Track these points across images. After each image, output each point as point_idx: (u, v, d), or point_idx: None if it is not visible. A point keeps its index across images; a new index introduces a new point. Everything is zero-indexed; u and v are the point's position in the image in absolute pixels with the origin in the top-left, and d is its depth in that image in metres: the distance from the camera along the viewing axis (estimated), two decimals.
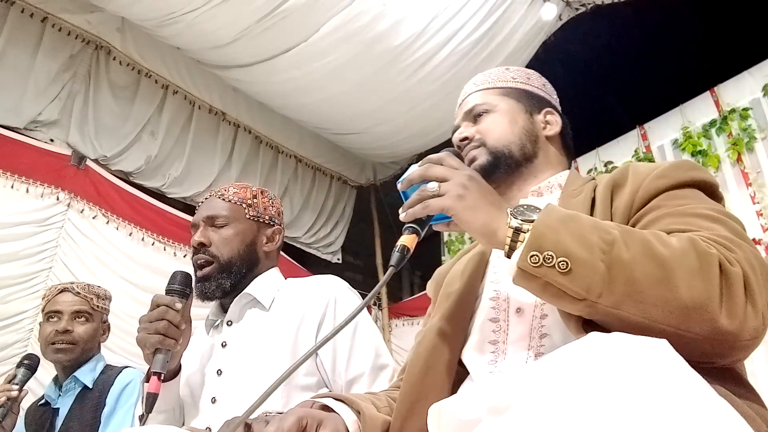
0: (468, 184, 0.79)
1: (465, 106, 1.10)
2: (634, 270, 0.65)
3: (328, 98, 4.26)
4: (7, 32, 3.52)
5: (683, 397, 0.44)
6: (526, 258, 0.68)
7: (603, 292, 0.65)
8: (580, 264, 0.66)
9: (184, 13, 3.52)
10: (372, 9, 3.59)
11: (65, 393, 1.93)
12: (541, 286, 0.69)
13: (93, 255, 3.55)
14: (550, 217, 0.71)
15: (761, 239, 3.20)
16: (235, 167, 4.54)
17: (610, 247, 0.66)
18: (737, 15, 4.11)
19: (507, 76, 1.11)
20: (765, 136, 3.43)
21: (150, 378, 1.11)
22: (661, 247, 0.66)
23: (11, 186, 3.33)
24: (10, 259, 3.21)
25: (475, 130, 1.04)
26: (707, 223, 0.75)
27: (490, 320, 0.90)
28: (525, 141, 1.03)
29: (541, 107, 1.08)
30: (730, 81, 3.67)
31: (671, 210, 0.79)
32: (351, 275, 5.28)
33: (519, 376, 0.49)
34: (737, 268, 0.66)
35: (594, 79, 4.85)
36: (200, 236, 1.31)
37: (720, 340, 0.64)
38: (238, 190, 1.40)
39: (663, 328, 0.63)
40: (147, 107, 4.10)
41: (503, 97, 1.07)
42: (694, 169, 0.85)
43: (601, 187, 0.90)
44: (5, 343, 3.13)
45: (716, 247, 0.68)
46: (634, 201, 0.84)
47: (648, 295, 0.64)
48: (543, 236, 0.68)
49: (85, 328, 1.94)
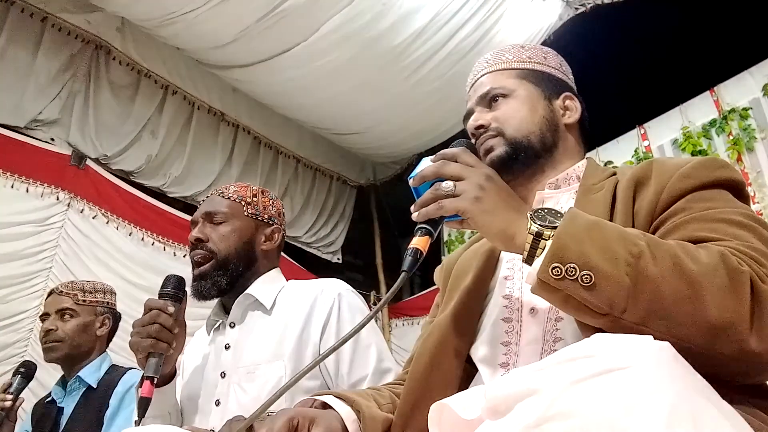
0: (485, 184, 0.75)
1: (479, 89, 1.01)
2: (661, 286, 0.62)
3: (328, 98, 4.26)
4: (8, 32, 3.52)
5: (685, 398, 0.44)
6: (547, 270, 0.65)
7: (627, 307, 0.62)
8: (604, 278, 0.63)
9: (183, 13, 3.52)
10: (372, 9, 3.58)
11: (70, 393, 1.94)
12: (562, 299, 0.66)
13: (93, 255, 3.55)
14: (574, 225, 0.67)
15: None
16: (235, 167, 4.54)
17: (637, 260, 0.63)
18: (737, 15, 4.11)
19: (523, 56, 1.02)
20: (765, 136, 3.43)
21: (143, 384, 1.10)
22: (690, 262, 0.63)
23: (11, 186, 3.33)
24: (10, 259, 3.21)
25: (491, 117, 0.97)
26: (736, 230, 0.72)
27: (503, 320, 0.87)
28: (545, 131, 0.96)
29: (559, 91, 1.01)
30: (730, 81, 3.67)
31: (697, 214, 0.75)
32: (351, 275, 5.28)
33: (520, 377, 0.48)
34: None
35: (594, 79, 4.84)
36: (197, 232, 1.32)
37: (748, 362, 0.61)
38: (238, 188, 1.40)
39: (689, 347, 0.59)
40: (147, 107, 4.10)
41: (521, 81, 0.99)
42: (720, 168, 0.81)
43: (623, 183, 0.85)
44: (5, 343, 3.13)
45: (747, 262, 0.65)
46: (658, 202, 0.80)
47: (674, 312, 0.61)
48: (566, 247, 0.65)
49: (70, 325, 1.94)
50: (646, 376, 0.44)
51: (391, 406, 0.89)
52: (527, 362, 0.81)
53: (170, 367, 1.21)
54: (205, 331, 1.40)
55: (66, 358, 1.94)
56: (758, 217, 0.76)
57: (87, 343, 1.97)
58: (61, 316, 1.95)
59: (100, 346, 2.03)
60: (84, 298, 2.00)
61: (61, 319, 1.95)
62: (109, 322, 2.05)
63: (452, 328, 0.89)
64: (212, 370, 1.29)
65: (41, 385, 2.55)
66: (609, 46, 4.58)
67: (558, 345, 0.80)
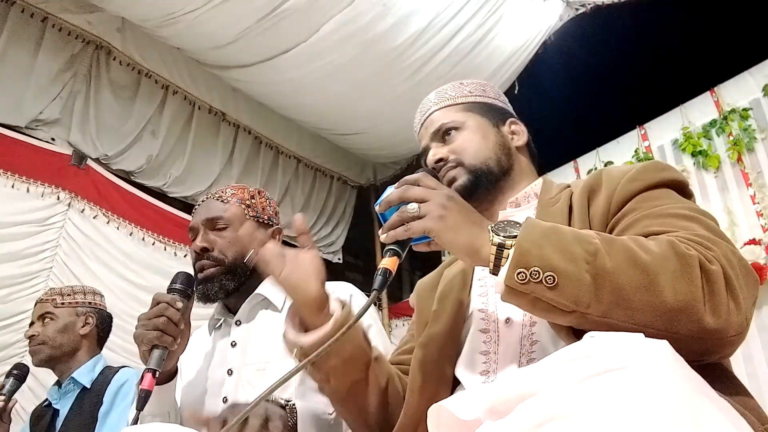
0: (448, 204, 0.79)
1: (430, 126, 1.08)
2: (619, 278, 0.66)
3: (328, 98, 4.26)
4: (8, 32, 3.52)
5: (684, 397, 0.44)
6: (512, 276, 0.69)
7: (591, 302, 0.66)
8: (566, 277, 0.67)
9: (184, 14, 3.52)
10: (372, 9, 3.59)
11: (64, 394, 1.95)
12: (530, 302, 0.69)
13: (93, 255, 3.55)
14: (532, 232, 0.71)
15: (761, 239, 3.20)
16: (236, 167, 4.54)
17: (594, 257, 0.67)
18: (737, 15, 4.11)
19: (464, 91, 1.10)
20: (765, 136, 3.43)
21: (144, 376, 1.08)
22: (642, 253, 0.68)
23: (12, 185, 3.33)
24: (10, 259, 3.21)
25: (448, 150, 1.03)
26: (683, 222, 0.77)
27: (481, 331, 0.92)
28: (500, 155, 1.03)
29: (504, 118, 1.09)
30: (730, 81, 3.67)
31: (647, 212, 0.81)
32: (351, 275, 5.28)
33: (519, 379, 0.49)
34: (716, 266, 0.67)
35: (594, 79, 4.86)
36: (202, 241, 1.30)
37: (707, 339, 0.65)
38: (235, 191, 1.39)
39: (652, 332, 0.63)
40: (148, 107, 4.10)
41: (467, 113, 1.06)
42: (664, 170, 0.87)
43: (577, 193, 0.91)
44: (5, 343, 3.13)
45: (695, 247, 0.69)
46: (610, 206, 0.85)
47: (634, 301, 0.65)
48: (528, 252, 0.69)
49: (50, 327, 1.97)
50: (645, 375, 0.44)
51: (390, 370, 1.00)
52: (507, 368, 0.86)
53: (172, 364, 1.20)
54: (206, 332, 1.40)
55: (50, 360, 1.97)
56: (703, 210, 0.82)
57: (70, 343, 1.99)
58: (42, 321, 1.99)
59: (89, 346, 2.04)
60: (63, 301, 2.04)
61: (42, 324, 1.99)
62: (93, 320, 2.06)
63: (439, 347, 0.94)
64: (218, 368, 1.28)
65: (43, 388, 2.56)
66: (609, 46, 4.59)
67: (535, 347, 0.85)
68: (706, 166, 3.57)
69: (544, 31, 4.14)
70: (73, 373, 1.94)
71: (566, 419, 0.43)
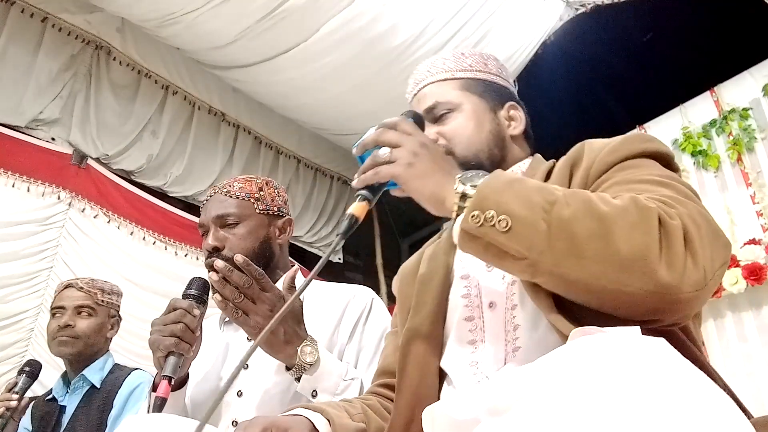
0: (419, 151, 0.76)
1: (423, 100, 1.02)
2: (574, 226, 0.64)
3: (328, 99, 4.26)
4: (8, 32, 3.52)
5: (684, 393, 0.44)
6: (468, 218, 0.68)
7: (544, 249, 0.64)
8: (520, 222, 0.65)
9: (184, 14, 3.52)
10: (372, 9, 3.59)
11: (73, 391, 1.93)
12: (483, 247, 0.68)
13: (94, 254, 3.55)
14: (496, 180, 0.70)
15: (761, 239, 3.20)
16: (236, 167, 4.55)
17: (551, 206, 0.66)
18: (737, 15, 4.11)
19: (464, 63, 1.04)
20: (765, 136, 3.43)
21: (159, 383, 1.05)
22: (601, 204, 0.66)
23: (12, 185, 3.33)
24: (11, 259, 3.21)
25: (438, 132, 0.99)
26: (653, 187, 0.74)
27: (465, 319, 0.88)
28: (492, 147, 0.99)
29: (503, 101, 1.04)
30: (730, 81, 3.67)
31: (620, 179, 0.79)
32: (351, 275, 5.28)
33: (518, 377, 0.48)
34: (676, 221, 0.65)
35: (594, 79, 4.85)
36: (213, 240, 1.28)
37: (661, 293, 0.63)
38: (243, 184, 1.36)
39: (604, 285, 0.63)
40: (148, 107, 4.10)
41: (465, 93, 1.01)
42: (647, 141, 0.84)
43: (559, 166, 0.90)
44: (5, 343, 3.14)
45: (656, 203, 0.67)
46: (588, 177, 0.83)
47: (587, 249, 0.64)
48: (486, 197, 0.68)
49: (88, 323, 1.94)
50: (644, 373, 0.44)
51: (363, 416, 0.90)
52: (494, 358, 0.83)
53: (185, 371, 1.18)
54: (216, 326, 1.39)
55: (78, 356, 1.93)
56: (682, 180, 0.79)
57: (99, 344, 1.98)
58: (79, 312, 1.94)
59: (106, 348, 2.04)
60: (103, 299, 2.00)
61: (79, 315, 1.94)
62: (117, 326, 2.06)
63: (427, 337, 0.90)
64: (233, 362, 1.28)
65: (41, 384, 2.55)
66: (609, 46, 4.59)
67: (517, 332, 0.82)
68: (705, 166, 3.57)
69: (543, 31, 4.13)
70: (84, 371, 1.93)
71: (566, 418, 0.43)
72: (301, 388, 1.09)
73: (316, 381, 1.08)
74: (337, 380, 1.11)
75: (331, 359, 1.14)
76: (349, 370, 1.15)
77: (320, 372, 1.08)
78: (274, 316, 1.05)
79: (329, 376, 1.10)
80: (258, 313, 1.05)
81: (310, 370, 1.08)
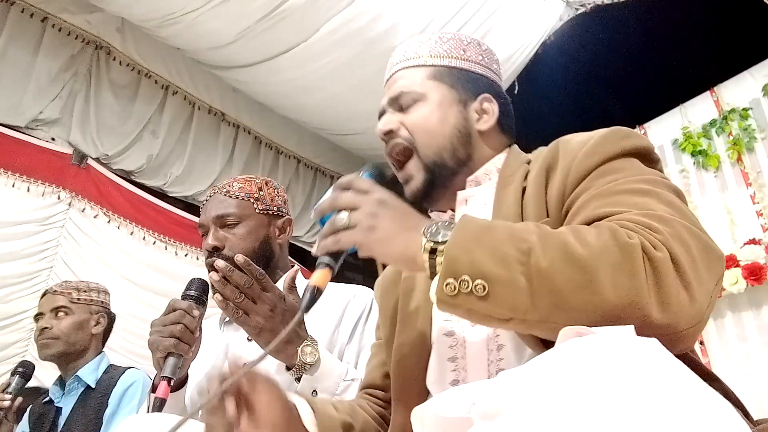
0: (378, 211, 0.71)
1: (392, 87, 0.98)
2: (555, 278, 0.60)
3: (328, 98, 4.26)
4: (8, 32, 3.53)
5: (677, 395, 0.44)
6: (442, 287, 0.63)
7: (528, 308, 0.60)
8: (498, 284, 0.61)
9: (184, 14, 3.52)
10: (372, 9, 3.59)
11: (68, 392, 1.94)
12: (465, 313, 0.64)
13: (94, 254, 3.56)
14: (463, 234, 0.65)
15: (761, 239, 3.20)
16: (236, 167, 4.55)
17: (527, 257, 0.61)
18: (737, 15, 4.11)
19: (439, 50, 0.97)
20: (765, 136, 3.43)
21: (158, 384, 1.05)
22: (579, 246, 0.61)
23: (12, 185, 3.33)
24: (11, 258, 3.21)
25: (400, 122, 0.95)
26: (637, 198, 0.69)
27: (446, 335, 0.85)
28: (456, 144, 0.93)
29: (477, 92, 0.96)
30: (730, 81, 3.67)
31: (599, 190, 0.73)
32: (351, 275, 5.28)
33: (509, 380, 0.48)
34: (662, 253, 0.60)
35: (594, 79, 4.85)
36: (213, 240, 1.28)
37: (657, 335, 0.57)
38: (242, 184, 1.37)
39: None
40: (148, 107, 4.11)
41: (434, 82, 0.95)
42: (624, 138, 0.79)
43: (534, 172, 0.83)
44: (6, 343, 3.14)
45: (639, 231, 0.62)
46: (566, 186, 0.78)
47: (574, 302, 0.59)
48: (456, 260, 0.63)
49: (66, 322, 1.96)
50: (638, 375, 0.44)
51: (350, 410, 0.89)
52: (476, 376, 0.80)
53: (184, 372, 1.18)
54: (216, 326, 1.39)
55: (61, 356, 1.95)
56: (665, 181, 0.74)
57: (82, 341, 1.98)
58: (56, 314, 1.97)
59: (95, 345, 2.04)
60: (78, 297, 2.02)
61: (56, 317, 1.96)
62: (104, 320, 2.06)
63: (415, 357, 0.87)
64: None
65: (41, 385, 2.55)
66: (609, 46, 4.58)
67: (501, 353, 0.79)
68: (705, 166, 3.57)
69: (543, 31, 4.13)
70: (78, 372, 1.94)
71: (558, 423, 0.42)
72: (301, 388, 1.09)
73: (316, 381, 1.08)
74: (338, 380, 1.11)
75: (332, 359, 1.14)
76: (349, 371, 1.15)
77: (320, 372, 1.08)
78: (274, 316, 1.05)
79: (329, 376, 1.10)
80: (258, 312, 1.05)
81: (311, 371, 1.07)
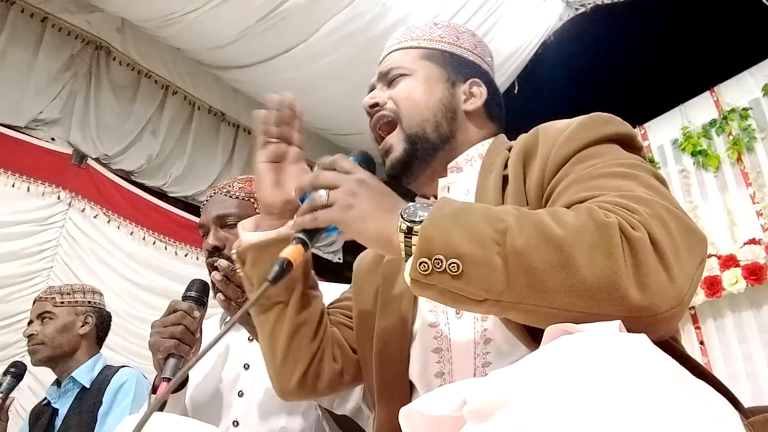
0: (357, 190, 0.70)
1: (383, 65, 0.99)
2: (531, 258, 0.58)
3: (328, 99, 4.26)
4: (8, 32, 3.52)
5: (670, 393, 0.43)
6: (416, 266, 0.61)
7: (503, 289, 0.59)
8: (473, 263, 0.59)
9: (184, 14, 3.52)
10: (372, 9, 3.59)
11: (64, 393, 1.95)
12: (438, 293, 0.62)
13: (94, 254, 3.55)
14: (439, 215, 0.63)
15: (761, 239, 3.20)
16: (236, 167, 4.55)
17: (503, 237, 0.59)
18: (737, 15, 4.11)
19: (434, 34, 0.98)
20: (765, 136, 3.43)
21: (159, 385, 1.06)
22: (556, 227, 0.59)
23: (12, 185, 3.33)
24: (10, 259, 3.21)
25: (387, 95, 0.95)
26: (617, 181, 0.68)
27: (430, 325, 0.83)
28: (440, 118, 0.93)
29: (467, 76, 0.96)
30: (730, 81, 3.67)
31: (578, 175, 0.71)
32: (351, 275, 5.28)
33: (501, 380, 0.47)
34: (640, 233, 0.58)
35: (594, 79, 4.85)
36: (213, 239, 1.28)
37: (636, 317, 0.57)
38: (243, 184, 1.37)
39: (574, 315, 0.57)
40: (148, 107, 4.11)
41: (424, 61, 0.96)
42: (605, 124, 0.77)
43: (513, 158, 0.82)
44: (5, 343, 3.14)
45: (617, 211, 0.61)
46: (545, 174, 0.76)
47: (550, 282, 0.58)
48: (431, 239, 0.61)
49: (50, 327, 1.98)
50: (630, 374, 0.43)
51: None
52: (462, 369, 0.78)
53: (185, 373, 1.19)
54: (217, 326, 1.39)
55: (50, 360, 1.97)
56: (645, 165, 0.72)
57: (69, 343, 2.00)
58: (42, 320, 1.99)
59: (88, 345, 2.04)
60: (62, 300, 2.04)
61: (42, 323, 1.99)
62: (92, 320, 2.07)
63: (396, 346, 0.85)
64: (234, 362, 1.28)
65: (43, 387, 2.56)
66: (609, 46, 4.58)
67: (489, 346, 0.77)
68: (705, 166, 3.57)
69: (543, 31, 4.14)
70: (73, 373, 1.95)
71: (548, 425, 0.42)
72: None
73: None
74: None
75: None
76: None
77: None
78: None
79: None
80: None
81: None
